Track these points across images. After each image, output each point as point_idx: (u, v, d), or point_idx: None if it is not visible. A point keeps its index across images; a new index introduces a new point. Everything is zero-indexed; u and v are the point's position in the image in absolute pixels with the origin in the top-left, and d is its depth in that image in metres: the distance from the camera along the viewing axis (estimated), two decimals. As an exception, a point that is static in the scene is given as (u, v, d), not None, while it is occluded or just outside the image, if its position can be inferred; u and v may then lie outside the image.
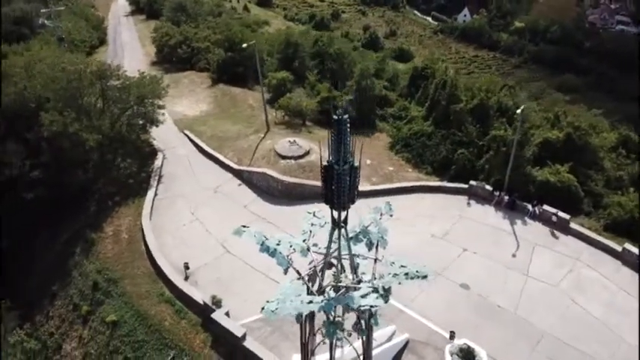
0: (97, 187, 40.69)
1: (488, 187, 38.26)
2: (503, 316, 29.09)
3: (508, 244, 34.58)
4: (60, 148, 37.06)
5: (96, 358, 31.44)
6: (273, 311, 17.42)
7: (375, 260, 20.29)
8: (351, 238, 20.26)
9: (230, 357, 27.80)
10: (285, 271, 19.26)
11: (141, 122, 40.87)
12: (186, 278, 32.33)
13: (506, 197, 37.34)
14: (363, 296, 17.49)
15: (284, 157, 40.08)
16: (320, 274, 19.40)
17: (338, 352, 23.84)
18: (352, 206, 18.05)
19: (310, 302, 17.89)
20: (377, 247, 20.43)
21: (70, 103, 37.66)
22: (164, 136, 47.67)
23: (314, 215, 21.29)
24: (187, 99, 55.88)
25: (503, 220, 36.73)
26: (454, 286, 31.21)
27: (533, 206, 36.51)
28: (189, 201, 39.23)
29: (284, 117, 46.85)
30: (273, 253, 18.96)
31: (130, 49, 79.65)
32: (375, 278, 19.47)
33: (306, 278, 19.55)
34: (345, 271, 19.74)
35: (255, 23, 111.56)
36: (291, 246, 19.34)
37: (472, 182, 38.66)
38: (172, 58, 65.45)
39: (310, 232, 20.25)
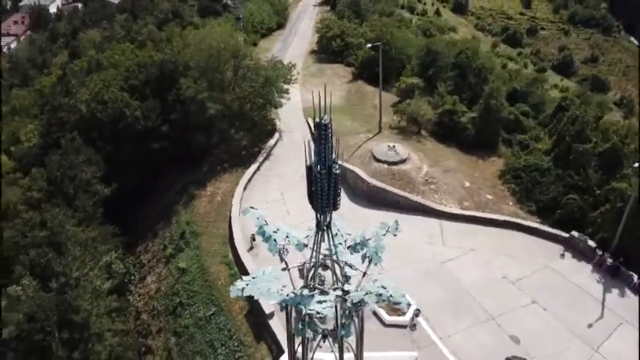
0: (215, 151, 45.66)
1: (591, 243, 33.49)
2: (544, 386, 25.80)
3: (590, 311, 30.07)
4: (188, 111, 42.51)
5: (163, 294, 36.05)
6: (239, 289, 18.56)
7: (364, 274, 19.96)
8: (350, 246, 20.22)
9: (256, 329, 29.62)
10: (281, 260, 20.11)
11: (262, 102, 44.44)
12: (250, 249, 34.86)
13: (610, 260, 32.30)
14: (319, 302, 17.56)
15: (378, 160, 40.09)
16: (306, 272, 19.78)
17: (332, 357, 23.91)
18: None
19: (275, 292, 18.58)
20: (370, 262, 20.02)
21: (206, 74, 42.87)
22: (289, 119, 51.02)
23: (328, 215, 21.42)
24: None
25: (597, 284, 31.91)
26: (503, 335, 28.45)
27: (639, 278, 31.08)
28: (284, 182, 41.67)
29: (399, 122, 46.50)
30: (267, 239, 19.82)
31: (300, 36, 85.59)
32: (357, 291, 19.26)
33: (296, 272, 20.17)
34: (335, 274, 19.79)
35: (439, 29, 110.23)
36: (287, 237, 20.01)
37: (574, 233, 34.19)
38: (328, 49, 68.85)
39: (317, 229, 20.57)
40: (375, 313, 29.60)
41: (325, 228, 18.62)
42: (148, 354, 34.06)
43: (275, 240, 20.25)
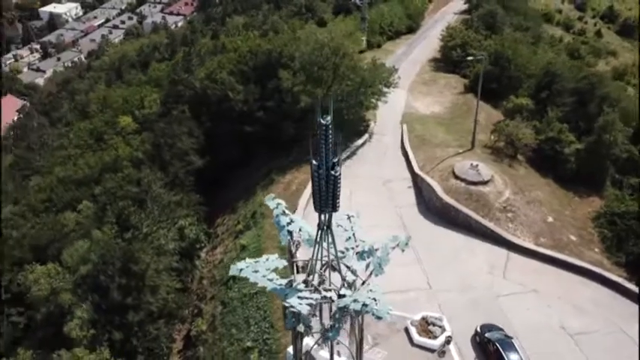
0: (303, 142, 47.11)
1: (681, 312, 28.89)
2: None
3: (655, 390, 26.13)
4: (284, 101, 44.50)
5: (223, 265, 38.57)
6: (238, 269, 19.66)
7: (363, 282, 19.76)
8: (358, 253, 20.22)
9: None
10: (295, 249, 20.89)
11: (354, 102, 44.75)
12: (307, 240, 35.71)
13: (699, 337, 27.61)
14: (300, 297, 17.87)
15: (457, 178, 38.35)
16: (308, 268, 20.14)
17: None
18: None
19: (268, 280, 19.32)
20: (371, 272, 19.75)
21: (306, 68, 44.35)
22: (386, 123, 50.76)
23: (348, 217, 21.72)
24: (431, 98, 56.95)
25: (676, 360, 27.48)
26: (538, 387, 26.00)
27: None
28: (357, 183, 41.39)
29: (495, 142, 43.81)
30: (281, 228, 20.58)
31: (427, 42, 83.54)
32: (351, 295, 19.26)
33: (300, 265, 20.79)
34: (342, 274, 19.85)
35: (593, 51, 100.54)
36: (300, 230, 20.54)
37: (662, 298, 29.75)
38: (448, 58, 66.80)
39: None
40: (406, 330, 28.74)
41: (325, 228, 18.83)
42: (198, 316, 36.80)
43: (289, 230, 20.99)
